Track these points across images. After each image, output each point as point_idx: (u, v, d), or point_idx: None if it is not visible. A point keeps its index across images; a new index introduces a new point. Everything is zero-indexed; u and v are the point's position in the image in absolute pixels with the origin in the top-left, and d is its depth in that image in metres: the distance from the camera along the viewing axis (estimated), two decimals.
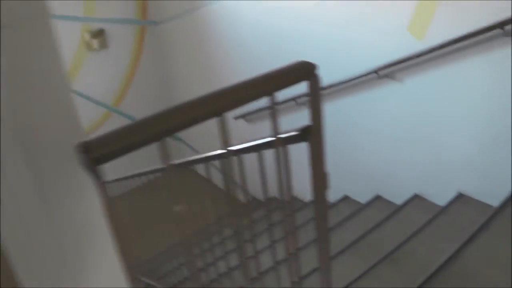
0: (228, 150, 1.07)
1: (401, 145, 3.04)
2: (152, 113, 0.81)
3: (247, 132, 4.13)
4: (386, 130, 3.09)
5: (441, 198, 2.89)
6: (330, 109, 3.44)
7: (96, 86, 5.31)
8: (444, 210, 2.77)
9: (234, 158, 1.24)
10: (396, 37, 2.71)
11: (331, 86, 3.17)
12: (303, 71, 0.99)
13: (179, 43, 5.17)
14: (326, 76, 3.27)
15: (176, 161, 1.90)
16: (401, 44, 2.68)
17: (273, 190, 1.20)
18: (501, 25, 2.08)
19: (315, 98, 1.03)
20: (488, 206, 2.60)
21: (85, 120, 5.32)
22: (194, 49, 4.90)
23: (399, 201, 3.19)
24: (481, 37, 2.23)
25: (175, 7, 4.87)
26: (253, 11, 3.74)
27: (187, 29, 4.82)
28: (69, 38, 4.88)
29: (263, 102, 1.01)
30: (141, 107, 5.67)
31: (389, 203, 3.32)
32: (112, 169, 1.31)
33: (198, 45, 4.75)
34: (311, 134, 1.07)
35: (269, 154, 1.16)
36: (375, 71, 2.82)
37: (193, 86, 5.27)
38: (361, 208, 3.40)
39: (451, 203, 2.79)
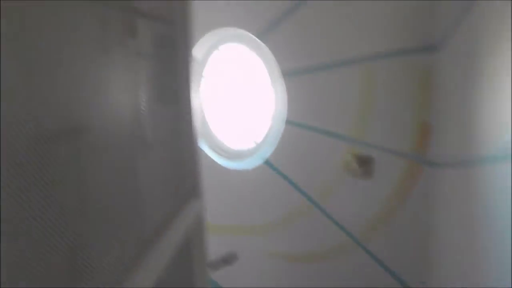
0: None
1: None
2: None
3: None
4: None
5: None
6: None
7: (346, 213, 4.71)
8: None
9: None
10: None
11: None
12: None
13: (453, 194, 3.99)
14: None
15: None
16: None
17: None
18: None
19: None
20: None
21: (324, 242, 4.81)
22: (468, 207, 3.63)
23: None
24: None
25: (460, 152, 3.78)
26: None
27: (467, 181, 3.64)
28: (330, 154, 4.55)
29: None
30: (389, 252, 4.70)
31: None
32: None
33: (474, 204, 3.49)
34: None
35: None
36: None
37: (456, 250, 3.97)
38: None
39: None
